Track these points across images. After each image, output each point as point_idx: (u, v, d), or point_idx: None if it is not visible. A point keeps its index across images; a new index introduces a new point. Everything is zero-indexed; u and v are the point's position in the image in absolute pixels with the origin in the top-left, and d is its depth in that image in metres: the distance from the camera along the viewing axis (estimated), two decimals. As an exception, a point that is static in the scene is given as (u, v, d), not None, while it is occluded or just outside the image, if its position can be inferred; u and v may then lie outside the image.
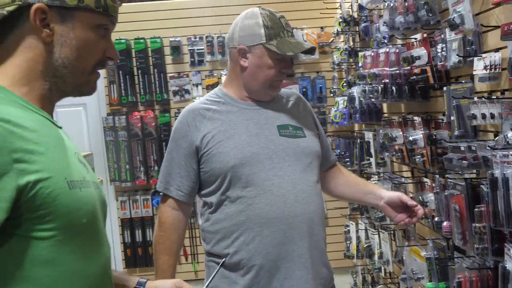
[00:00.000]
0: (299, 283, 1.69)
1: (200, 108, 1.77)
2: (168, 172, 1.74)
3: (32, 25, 0.94)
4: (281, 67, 1.75)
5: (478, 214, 1.78)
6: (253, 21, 1.72)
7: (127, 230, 4.52)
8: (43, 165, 0.88)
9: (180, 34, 4.45)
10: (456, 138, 2.06)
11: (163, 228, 1.74)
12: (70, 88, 1.02)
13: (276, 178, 1.70)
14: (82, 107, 4.58)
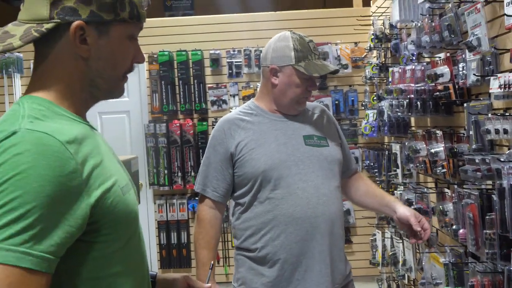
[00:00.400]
0: (318, 276, 1.85)
1: (235, 118, 1.96)
2: (205, 175, 1.93)
3: (71, 42, 0.94)
4: (307, 86, 1.93)
5: (489, 222, 1.92)
6: (285, 44, 1.90)
7: (163, 232, 4.74)
8: (103, 177, 0.92)
9: (219, 47, 4.67)
10: (473, 151, 2.20)
11: (201, 225, 1.93)
12: (104, 94, 1.04)
13: (301, 183, 1.87)
14: (126, 114, 4.85)
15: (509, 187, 1.75)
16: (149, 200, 4.81)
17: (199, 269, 1.91)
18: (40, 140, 0.82)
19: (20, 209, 0.76)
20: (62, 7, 0.92)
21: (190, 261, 4.73)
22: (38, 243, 0.76)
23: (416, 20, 2.80)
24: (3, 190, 0.76)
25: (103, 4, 0.94)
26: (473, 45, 2.04)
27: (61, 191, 0.81)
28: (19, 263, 0.74)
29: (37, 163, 0.79)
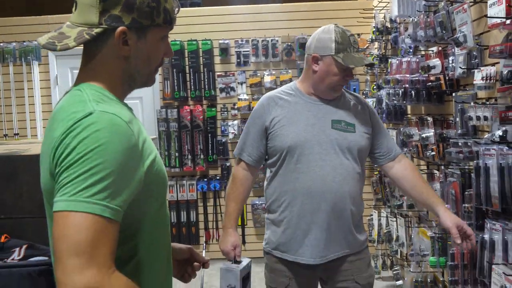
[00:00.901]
0: (324, 243, 2.08)
1: (275, 96, 2.16)
2: (243, 142, 2.17)
3: (115, 44, 1.10)
4: (344, 75, 2.08)
5: (468, 197, 2.19)
6: (328, 36, 2.07)
7: (173, 211, 5.02)
8: (149, 150, 1.09)
9: (228, 37, 4.91)
10: (458, 136, 2.47)
11: (234, 182, 2.19)
12: (139, 85, 1.20)
13: (320, 161, 2.06)
14: (139, 100, 5.09)
15: (484, 166, 2.02)
16: (160, 181, 5.09)
17: (226, 217, 2.20)
18: (113, 120, 1.00)
19: (101, 173, 0.94)
20: (109, 15, 1.08)
21: (199, 238, 5.03)
22: (114, 199, 0.95)
23: (413, 15, 3.04)
24: (88, 158, 0.94)
25: (142, 13, 1.09)
26: (460, 41, 2.29)
27: (128, 159, 0.99)
28: (103, 213, 0.93)
29: (112, 138, 0.97)
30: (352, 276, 2.14)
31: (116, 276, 0.94)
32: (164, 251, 1.19)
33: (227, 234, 2.18)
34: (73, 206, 0.92)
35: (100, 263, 0.91)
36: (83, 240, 0.90)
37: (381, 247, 4.15)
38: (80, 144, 0.96)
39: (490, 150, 1.99)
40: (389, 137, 2.26)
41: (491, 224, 2.07)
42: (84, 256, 0.90)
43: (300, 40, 4.81)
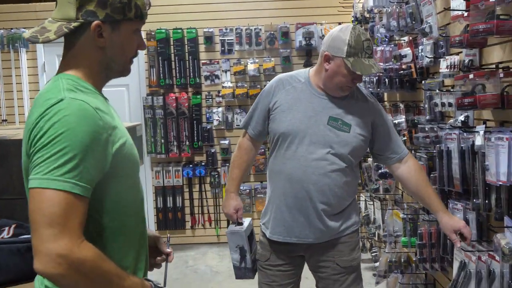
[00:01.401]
0: (301, 226, 2.15)
1: (285, 79, 2.20)
2: (250, 116, 2.27)
3: (91, 36, 1.22)
4: (353, 78, 2.07)
5: (433, 179, 2.33)
6: (342, 38, 2.03)
7: (159, 196, 5.13)
8: (119, 135, 1.21)
9: (213, 26, 4.99)
10: (426, 122, 2.60)
11: (239, 150, 2.32)
12: (115, 74, 1.32)
13: (307, 154, 2.11)
14: (125, 87, 5.16)
15: (446, 150, 2.16)
16: (147, 167, 5.19)
17: (229, 182, 2.34)
18: (81, 106, 1.12)
19: (69, 154, 1.06)
20: (85, 10, 1.19)
21: (185, 223, 5.15)
22: (82, 177, 1.07)
23: (387, 6, 3.15)
24: (59, 141, 1.06)
25: (115, 8, 1.21)
26: (426, 32, 2.42)
27: (95, 141, 1.11)
28: (72, 190, 1.05)
29: (80, 122, 1.09)
30: (333, 258, 2.20)
31: (85, 245, 1.07)
32: (137, 228, 1.30)
33: (229, 198, 2.31)
34: (46, 183, 1.05)
35: (71, 233, 1.04)
36: (55, 213, 1.04)
37: (361, 230, 4.30)
38: (51, 127, 1.08)
39: (452, 135, 2.13)
40: (395, 139, 2.22)
41: (453, 204, 2.22)
42: (57, 227, 1.03)
43: (282, 29, 4.91)
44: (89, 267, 1.06)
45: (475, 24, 1.71)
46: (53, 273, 1.03)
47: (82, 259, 1.05)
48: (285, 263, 2.24)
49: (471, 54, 2.19)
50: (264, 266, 2.27)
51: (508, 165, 1.70)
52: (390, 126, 2.23)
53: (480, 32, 1.67)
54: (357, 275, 2.25)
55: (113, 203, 1.21)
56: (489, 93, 1.80)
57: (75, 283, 1.06)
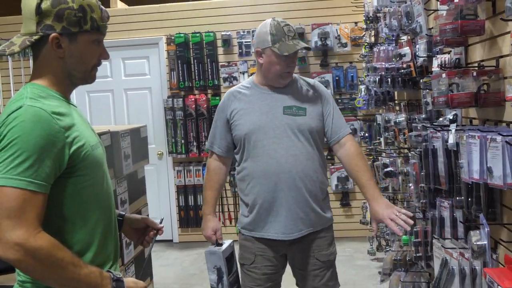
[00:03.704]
0: (285, 219, 2.25)
1: (234, 91, 2.36)
2: (213, 135, 2.39)
3: (50, 47, 1.34)
4: (287, 63, 2.24)
5: (423, 177, 2.34)
6: (264, 30, 2.25)
7: (181, 195, 5.30)
8: (79, 136, 1.32)
9: (230, 29, 5.11)
10: (422, 120, 2.61)
11: (208, 172, 2.42)
12: (79, 81, 1.42)
13: (275, 145, 2.24)
14: (148, 90, 5.38)
15: (432, 148, 2.17)
16: (169, 166, 5.36)
17: (204, 205, 2.43)
18: (36, 112, 1.24)
19: (24, 154, 1.19)
20: (44, 24, 1.32)
21: (205, 222, 5.28)
22: (38, 176, 1.20)
23: (389, 5, 3.17)
24: (14, 144, 1.19)
25: (71, 21, 1.33)
26: (417, 31, 2.43)
27: (49, 143, 1.23)
28: (28, 187, 1.19)
29: (35, 126, 1.21)
30: (312, 253, 2.31)
31: (41, 235, 1.20)
32: (100, 221, 1.41)
33: (206, 220, 2.39)
34: (3, 182, 1.19)
35: (27, 224, 1.18)
36: (13, 208, 1.18)
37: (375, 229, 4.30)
38: (9, 132, 1.22)
39: (437, 133, 2.14)
40: (337, 119, 2.36)
41: (440, 202, 2.23)
42: (14, 219, 1.17)
43: (298, 30, 4.96)
44: (44, 254, 1.19)
45: (444, 24, 1.73)
46: (12, 258, 1.17)
47: (37, 248, 1.18)
48: (270, 265, 2.32)
49: (458, 53, 2.20)
50: (250, 269, 2.34)
51: (480, 163, 1.72)
52: (334, 107, 2.38)
53: (448, 31, 1.69)
54: (334, 270, 2.35)
55: (72, 198, 1.33)
56: (463, 92, 1.81)
57: (32, 268, 1.20)
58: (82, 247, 1.35)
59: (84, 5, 1.36)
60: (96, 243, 1.38)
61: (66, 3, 1.33)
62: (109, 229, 1.45)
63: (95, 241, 1.38)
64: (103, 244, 1.41)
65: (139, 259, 2.82)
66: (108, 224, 1.44)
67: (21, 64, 5.40)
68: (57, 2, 1.32)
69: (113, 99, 5.43)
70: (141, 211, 2.90)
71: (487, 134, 1.64)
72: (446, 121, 2.23)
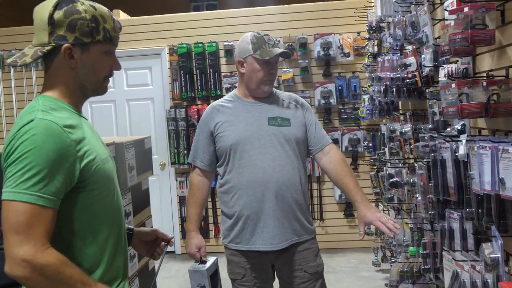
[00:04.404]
0: (273, 230, 2.26)
1: (217, 105, 2.38)
2: (195, 149, 2.38)
3: (62, 58, 1.32)
4: (268, 69, 2.29)
5: (431, 188, 2.32)
6: (245, 40, 2.30)
7: (184, 206, 5.24)
8: (90, 150, 1.30)
9: (232, 39, 5.11)
10: (429, 130, 2.59)
11: (191, 188, 2.40)
12: (91, 92, 1.41)
13: (261, 155, 2.26)
14: (150, 101, 5.37)
15: (441, 158, 2.14)
16: (171, 177, 5.33)
17: (187, 221, 2.40)
18: (48, 125, 1.22)
19: (35, 169, 1.17)
20: (56, 35, 1.31)
21: (208, 232, 5.25)
22: (47, 190, 1.17)
23: (393, 15, 3.16)
24: (26, 157, 1.17)
25: (83, 32, 1.32)
26: (423, 41, 2.42)
27: (61, 157, 1.21)
28: (37, 202, 1.16)
29: (46, 140, 1.19)
30: (300, 265, 2.31)
31: (49, 252, 1.17)
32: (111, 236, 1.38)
33: (190, 237, 2.36)
34: (13, 196, 1.16)
35: (35, 240, 1.15)
36: (21, 223, 1.15)
37: (380, 240, 4.27)
38: (20, 145, 1.20)
39: (446, 144, 2.12)
40: (319, 129, 2.42)
41: (449, 213, 2.20)
42: (22, 234, 1.14)
43: (300, 40, 4.96)
44: (52, 271, 1.16)
45: (453, 34, 1.72)
46: (19, 275, 1.14)
47: (45, 264, 1.15)
48: (261, 277, 2.32)
49: (466, 62, 2.18)
50: (241, 283, 2.33)
51: (492, 174, 1.69)
52: (314, 118, 2.44)
53: (457, 41, 1.68)
54: (323, 282, 2.35)
55: (82, 213, 1.30)
56: (473, 102, 1.79)
57: (39, 285, 1.17)
58: (91, 264, 1.32)
59: (96, 15, 1.34)
60: (106, 259, 1.35)
61: (79, 13, 1.32)
62: (119, 245, 1.42)
63: (104, 257, 1.35)
64: (113, 260, 1.38)
65: (143, 272, 2.78)
66: (118, 240, 1.41)
67: (23, 75, 5.40)
68: (70, 13, 1.32)
69: (115, 110, 5.42)
70: (145, 223, 2.87)
71: (498, 145, 1.62)
72: (454, 131, 2.20)
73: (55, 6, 1.32)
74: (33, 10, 1.37)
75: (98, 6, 1.38)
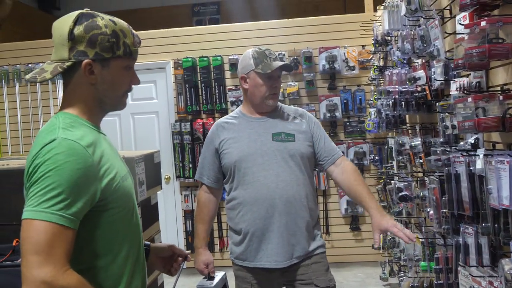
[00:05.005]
0: (277, 247, 2.23)
1: (222, 122, 2.39)
2: (202, 166, 2.39)
3: (83, 73, 1.31)
4: (271, 83, 2.29)
5: (444, 202, 2.30)
6: (247, 56, 2.32)
7: (189, 220, 5.23)
8: (109, 168, 1.29)
9: (237, 53, 5.11)
10: (440, 144, 2.58)
11: (199, 205, 2.40)
12: (110, 108, 1.40)
13: (264, 171, 2.24)
14: (155, 114, 5.36)
15: (455, 173, 2.13)
16: (176, 191, 5.31)
17: (195, 238, 2.40)
18: (70, 145, 1.21)
19: (57, 189, 1.15)
20: (76, 50, 1.30)
21: (213, 246, 5.21)
22: (69, 210, 1.16)
23: (401, 29, 3.17)
24: (48, 177, 1.16)
25: (103, 47, 1.31)
26: (434, 55, 2.42)
27: (82, 178, 1.19)
28: (58, 221, 1.14)
29: (69, 160, 1.18)
30: (310, 279, 2.26)
31: (69, 273, 1.15)
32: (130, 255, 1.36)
33: (198, 254, 2.35)
34: (34, 215, 1.14)
35: (55, 261, 1.12)
36: (41, 242, 1.12)
37: (387, 254, 4.23)
38: (43, 165, 1.18)
39: (460, 158, 2.11)
40: (329, 143, 2.40)
41: (464, 228, 2.18)
42: (42, 255, 1.11)
43: (305, 54, 4.97)
44: None
45: (470, 48, 1.71)
46: None
47: (65, 286, 1.13)
48: None
49: (479, 76, 2.17)
50: None
51: (510, 189, 1.67)
52: (323, 132, 2.41)
53: (474, 55, 1.67)
54: None
55: (103, 232, 1.28)
56: (490, 116, 1.78)
57: None
58: (111, 284, 1.29)
59: (117, 30, 1.34)
60: (125, 279, 1.33)
61: (99, 28, 1.31)
62: (138, 263, 1.40)
63: (124, 277, 1.33)
64: (132, 279, 1.36)
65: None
66: (137, 258, 1.39)
67: (27, 89, 5.40)
68: (90, 28, 1.30)
69: (120, 124, 5.41)
70: (154, 238, 2.85)
71: (517, 159, 1.61)
72: (467, 145, 2.19)
73: (75, 21, 1.31)
74: (52, 26, 1.35)
75: (118, 20, 1.37)
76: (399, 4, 3.28)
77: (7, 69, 5.41)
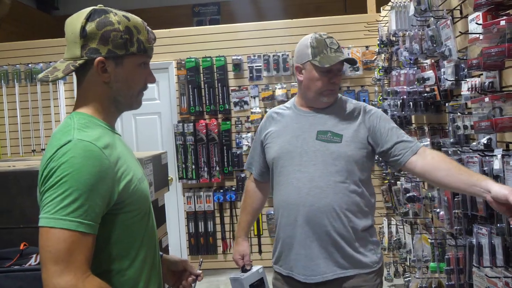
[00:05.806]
0: (304, 259, 2.01)
1: (273, 112, 2.21)
2: (251, 156, 2.27)
3: (96, 72, 1.27)
4: (329, 78, 2.01)
5: (457, 203, 2.29)
6: (304, 44, 2.05)
7: (191, 222, 5.20)
8: (126, 170, 1.25)
9: (241, 53, 5.10)
10: (450, 144, 2.56)
11: (244, 194, 2.33)
12: (125, 107, 1.35)
13: (299, 173, 2.00)
14: (157, 115, 5.33)
15: (468, 173, 2.11)
16: (178, 192, 5.28)
17: (237, 227, 2.36)
18: (87, 147, 1.17)
19: (75, 194, 1.12)
20: (88, 48, 1.25)
21: (216, 248, 5.18)
22: (87, 215, 1.13)
23: (409, 29, 3.15)
24: (65, 181, 1.12)
25: (116, 44, 1.26)
26: (445, 55, 2.40)
27: (100, 181, 1.16)
28: (77, 228, 1.11)
29: (85, 163, 1.14)
30: None
31: (90, 280, 1.12)
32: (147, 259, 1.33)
33: (236, 243, 2.30)
34: (52, 223, 1.11)
35: (76, 269, 1.10)
36: (61, 251, 1.10)
37: (392, 255, 4.22)
38: (58, 168, 1.14)
39: (473, 158, 2.10)
40: (402, 137, 2.02)
41: (477, 229, 2.16)
42: (62, 263, 1.09)
43: (309, 54, 4.95)
44: None
45: (488, 48, 1.70)
46: None
47: None
48: None
49: (491, 76, 2.16)
50: None
51: (528, 189, 1.66)
52: (393, 126, 2.05)
53: (493, 55, 1.66)
54: None
55: (120, 236, 1.26)
56: (507, 116, 1.77)
57: None
58: None
59: (130, 26, 1.29)
60: (142, 285, 1.30)
61: (111, 24, 1.26)
62: (154, 268, 1.37)
63: (141, 283, 1.30)
64: (148, 285, 1.33)
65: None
66: (153, 263, 1.36)
67: (27, 90, 5.37)
68: (102, 24, 1.26)
69: (122, 125, 5.37)
70: (161, 240, 2.82)
71: (536, 160, 1.59)
72: (480, 146, 2.18)
73: (87, 18, 1.27)
74: (65, 23, 1.32)
75: (132, 16, 1.32)
76: (406, 4, 3.27)
77: (6, 69, 5.38)
